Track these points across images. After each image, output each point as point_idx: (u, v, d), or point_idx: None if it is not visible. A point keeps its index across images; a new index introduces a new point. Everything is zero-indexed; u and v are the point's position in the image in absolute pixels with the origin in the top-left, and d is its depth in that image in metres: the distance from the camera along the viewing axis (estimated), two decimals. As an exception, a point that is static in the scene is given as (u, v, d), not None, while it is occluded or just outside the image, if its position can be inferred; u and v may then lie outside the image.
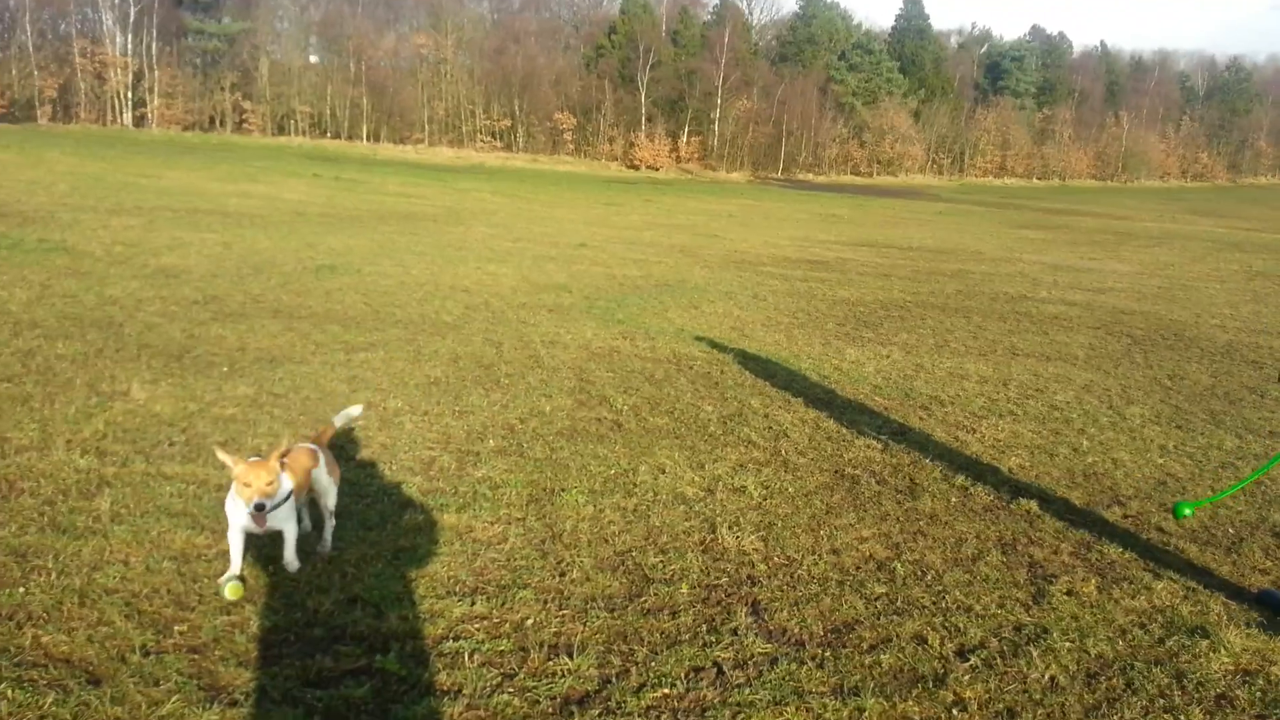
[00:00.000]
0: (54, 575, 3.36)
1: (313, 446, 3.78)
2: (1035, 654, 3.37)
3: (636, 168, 71.64)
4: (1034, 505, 5.02)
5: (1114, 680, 3.24)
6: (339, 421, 4.27)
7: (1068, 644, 3.47)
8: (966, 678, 3.18)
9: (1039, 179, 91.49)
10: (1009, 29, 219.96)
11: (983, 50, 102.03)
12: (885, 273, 16.05)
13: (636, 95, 74.16)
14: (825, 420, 6.48)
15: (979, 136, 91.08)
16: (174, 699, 2.69)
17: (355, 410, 4.36)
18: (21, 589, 3.24)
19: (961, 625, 3.58)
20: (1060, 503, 5.08)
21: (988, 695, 3.09)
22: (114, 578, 3.39)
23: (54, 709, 2.61)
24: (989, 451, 6.01)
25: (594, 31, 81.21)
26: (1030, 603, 3.79)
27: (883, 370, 8.27)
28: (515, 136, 73.70)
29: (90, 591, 3.27)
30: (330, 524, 3.80)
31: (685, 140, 76.22)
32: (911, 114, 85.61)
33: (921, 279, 15.51)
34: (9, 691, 2.66)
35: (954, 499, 5.07)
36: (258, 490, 3.26)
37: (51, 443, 4.72)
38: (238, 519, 3.32)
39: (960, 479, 5.39)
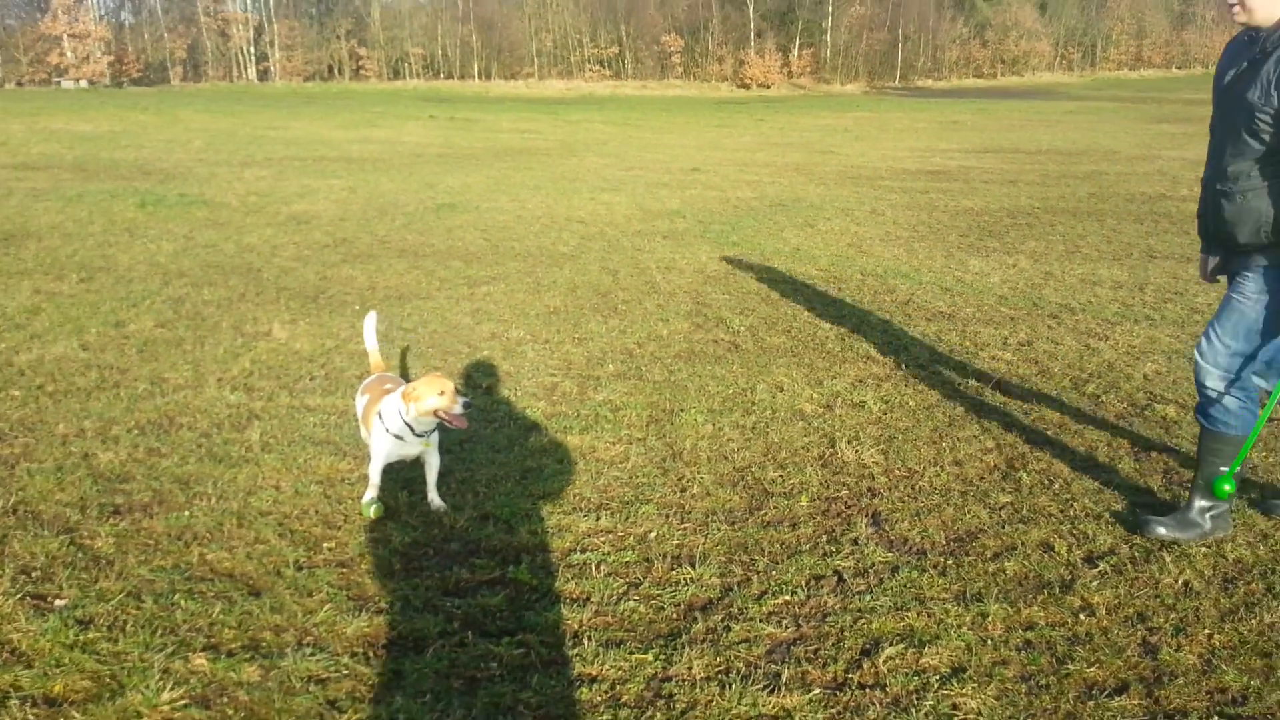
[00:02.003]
0: (214, 500, 3.64)
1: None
2: (1168, 559, 3.29)
3: (747, 86, 70.10)
4: (1170, 411, 4.84)
5: (1253, 584, 3.14)
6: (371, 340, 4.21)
7: (1203, 549, 3.37)
8: (1095, 583, 3.14)
9: (1179, 68, 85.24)
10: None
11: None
12: (1011, 179, 15.40)
13: (744, 10, 72.23)
14: (948, 333, 6.34)
15: (1111, 26, 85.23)
16: (326, 608, 2.91)
17: (372, 318, 4.27)
18: (186, 512, 3.53)
19: (1090, 533, 3.51)
20: (1199, 407, 4.87)
21: (1117, 600, 3.04)
22: (267, 501, 3.65)
23: (221, 616, 2.85)
24: (1123, 358, 5.79)
25: (698, -53, 79.12)
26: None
27: (1009, 280, 8.01)
28: (623, 63, 73.03)
29: (247, 514, 3.54)
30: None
31: (796, 54, 74.02)
32: (1037, 7, 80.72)
33: (1051, 183, 14.83)
34: (182, 601, 2.93)
35: (1084, 407, 4.92)
36: (453, 392, 3.37)
37: (204, 381, 5.06)
38: (381, 447, 3.50)
39: (1091, 387, 5.22)
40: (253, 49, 67.22)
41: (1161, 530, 3.44)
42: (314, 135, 23.60)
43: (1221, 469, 3.43)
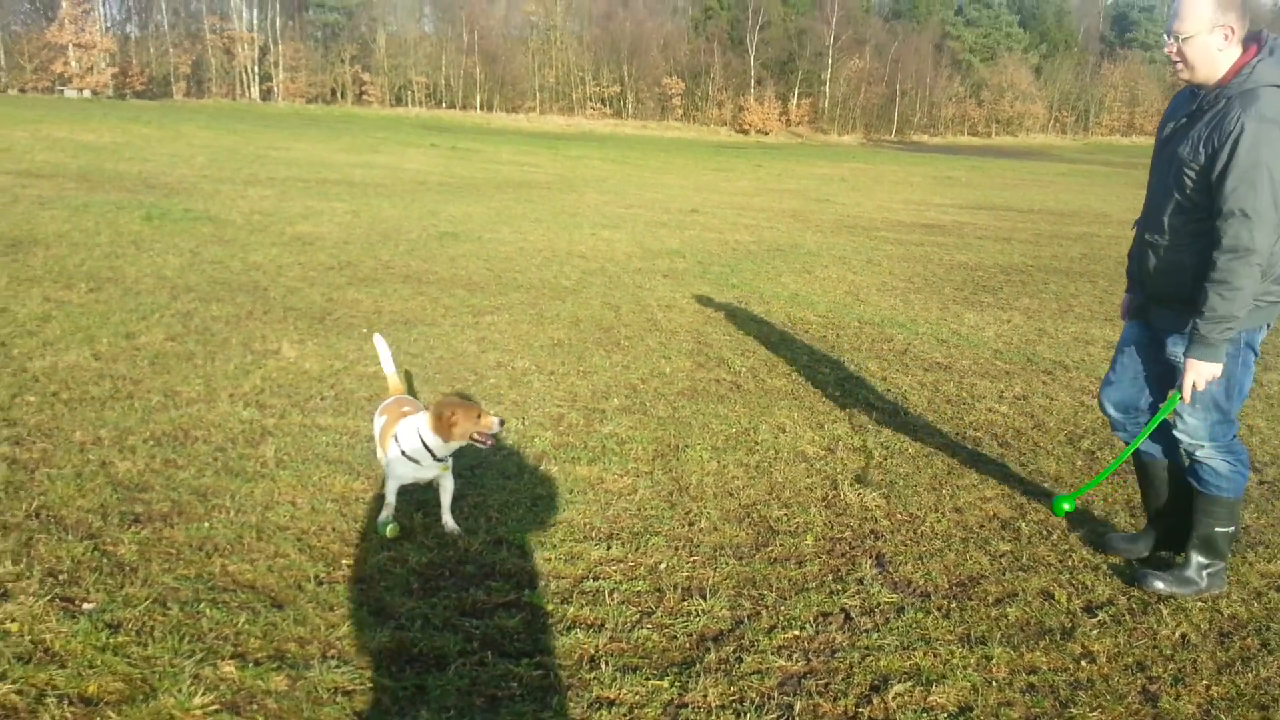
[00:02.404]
0: (232, 513, 3.70)
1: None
2: (1165, 613, 3.39)
3: (745, 132, 70.95)
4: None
5: (1249, 640, 3.24)
6: (388, 364, 4.31)
7: (1199, 604, 3.47)
8: (1095, 632, 3.23)
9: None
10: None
11: (1109, 1, 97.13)
12: (1005, 236, 15.66)
13: (745, 58, 73.34)
14: (945, 384, 6.47)
15: (1105, 93, 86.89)
16: (348, 623, 2.97)
17: (381, 341, 4.39)
18: (206, 524, 3.59)
19: (1089, 583, 3.61)
20: (1191, 467, 5.00)
21: (1116, 649, 3.13)
22: (284, 516, 3.71)
23: (246, 626, 2.91)
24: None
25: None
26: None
27: (1003, 335, 8.16)
28: (624, 103, 73.88)
29: (265, 527, 3.60)
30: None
31: (795, 103, 75.09)
32: (1032, 70, 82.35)
33: (1043, 243, 15.09)
34: (208, 610, 2.98)
35: (1079, 462, 5.04)
36: (485, 413, 3.50)
37: (216, 396, 5.12)
38: (398, 470, 3.57)
39: (1086, 443, 5.35)
40: (257, 68, 67.84)
41: (1159, 585, 3.54)
42: (316, 157, 23.75)
43: (1217, 529, 3.55)
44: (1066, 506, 3.63)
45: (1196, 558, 3.58)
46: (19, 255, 8.55)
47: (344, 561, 3.38)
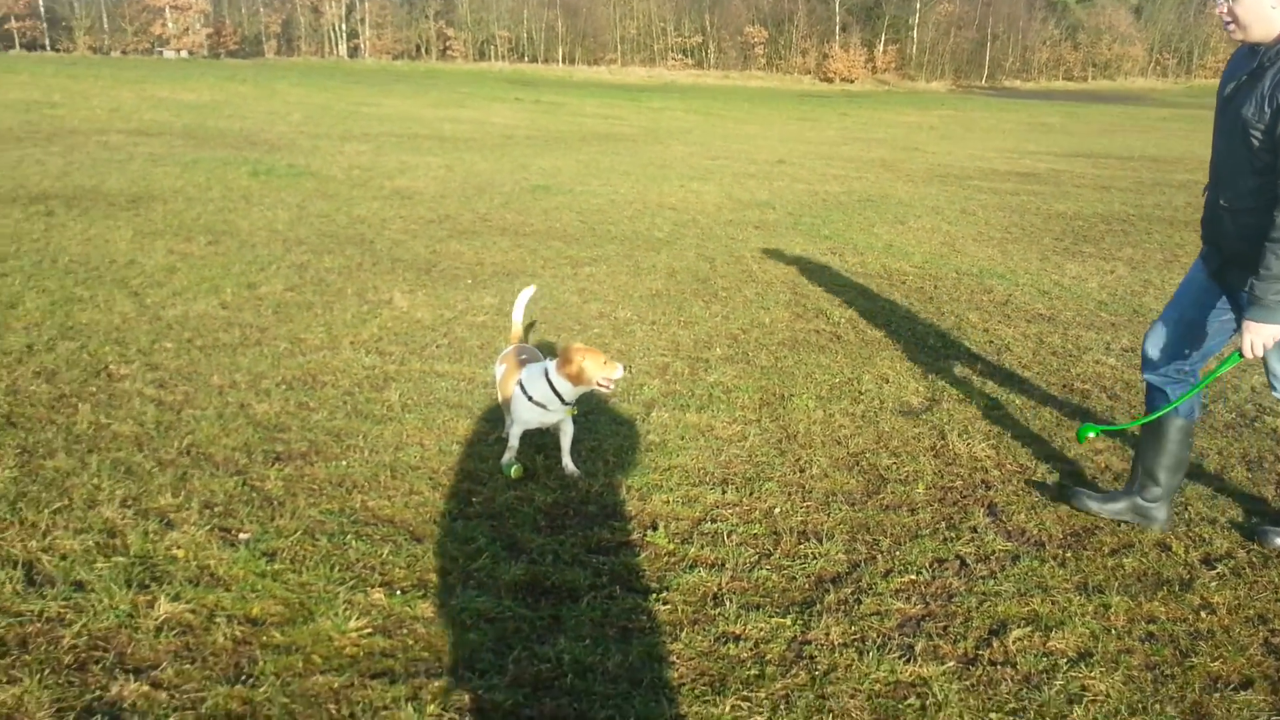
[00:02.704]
0: (366, 453, 3.91)
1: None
2: (1287, 565, 3.36)
3: (830, 80, 69.47)
4: (1281, 424, 4.86)
5: (1374, 594, 3.20)
6: (520, 313, 4.42)
7: (1322, 558, 3.43)
8: (1214, 584, 3.23)
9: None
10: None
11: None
12: (1104, 185, 15.18)
13: (830, 4, 71.62)
14: (1049, 335, 6.38)
15: (1210, 33, 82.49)
16: (484, 555, 3.14)
17: (528, 292, 4.51)
18: (344, 462, 3.80)
19: (1206, 535, 3.59)
20: (1312, 422, 4.88)
21: (1237, 601, 3.13)
22: (415, 456, 3.90)
23: (390, 558, 3.10)
24: (1230, 370, 5.78)
25: (788, -62, 78.53)
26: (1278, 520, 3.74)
27: (1107, 286, 7.98)
28: (706, 53, 72.95)
29: (398, 466, 3.79)
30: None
31: (881, 49, 73.13)
32: (1132, 10, 78.59)
33: (1145, 190, 14.59)
34: (353, 542, 3.18)
35: (1192, 416, 4.95)
36: (609, 359, 3.64)
37: (339, 343, 5.35)
38: (524, 414, 3.72)
39: (1198, 396, 5.24)
40: (344, 26, 68.87)
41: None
42: (406, 113, 24.12)
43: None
44: (1091, 434, 3.67)
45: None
46: (140, 210, 8.95)
47: (474, 499, 3.55)
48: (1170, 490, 3.65)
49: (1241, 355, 3.27)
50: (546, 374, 3.65)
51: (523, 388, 3.72)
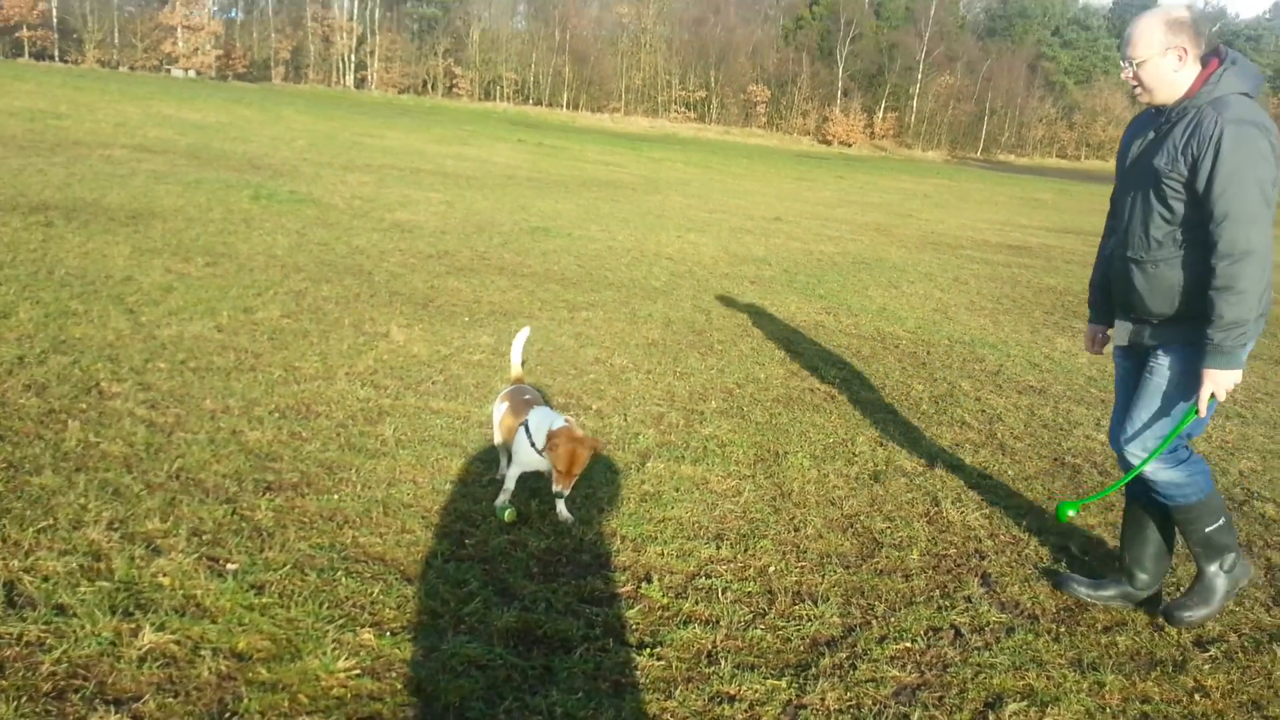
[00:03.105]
0: (359, 487, 3.86)
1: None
2: (1279, 651, 3.35)
3: (829, 142, 70.46)
4: (1269, 509, 4.87)
5: (1367, 688, 3.18)
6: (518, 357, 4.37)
7: (1314, 648, 3.42)
8: (1207, 667, 3.21)
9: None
10: (1246, 7, 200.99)
11: (1214, 29, 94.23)
12: (1093, 262, 15.33)
13: (834, 68, 72.85)
14: (1040, 408, 6.41)
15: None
16: (476, 599, 3.09)
17: (524, 334, 4.44)
18: (335, 495, 3.75)
19: (1199, 618, 3.58)
20: (1302, 510, 4.89)
21: (1230, 685, 3.11)
22: (407, 493, 3.86)
23: (381, 597, 3.05)
24: (1216, 453, 5.81)
25: (795, 3, 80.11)
26: (1270, 603, 3.74)
27: (1096, 362, 8.03)
28: (709, 108, 73.98)
29: (390, 503, 3.75)
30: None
31: (881, 116, 74.29)
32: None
33: (1137, 271, 14.75)
34: (343, 579, 3.13)
35: (1183, 497, 4.96)
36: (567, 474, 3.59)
37: (334, 374, 5.32)
38: (522, 457, 3.69)
39: (1189, 477, 5.25)
40: (353, 57, 69.68)
41: (1189, 615, 3.47)
42: (409, 146, 24.26)
43: (1207, 530, 3.47)
44: (1070, 513, 3.64)
45: (1207, 567, 3.51)
46: (140, 226, 8.93)
47: (467, 541, 3.51)
48: (1158, 576, 3.65)
49: (1198, 411, 3.26)
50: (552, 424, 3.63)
51: (528, 431, 3.69)
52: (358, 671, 2.65)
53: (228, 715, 2.42)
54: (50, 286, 6.42)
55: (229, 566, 3.12)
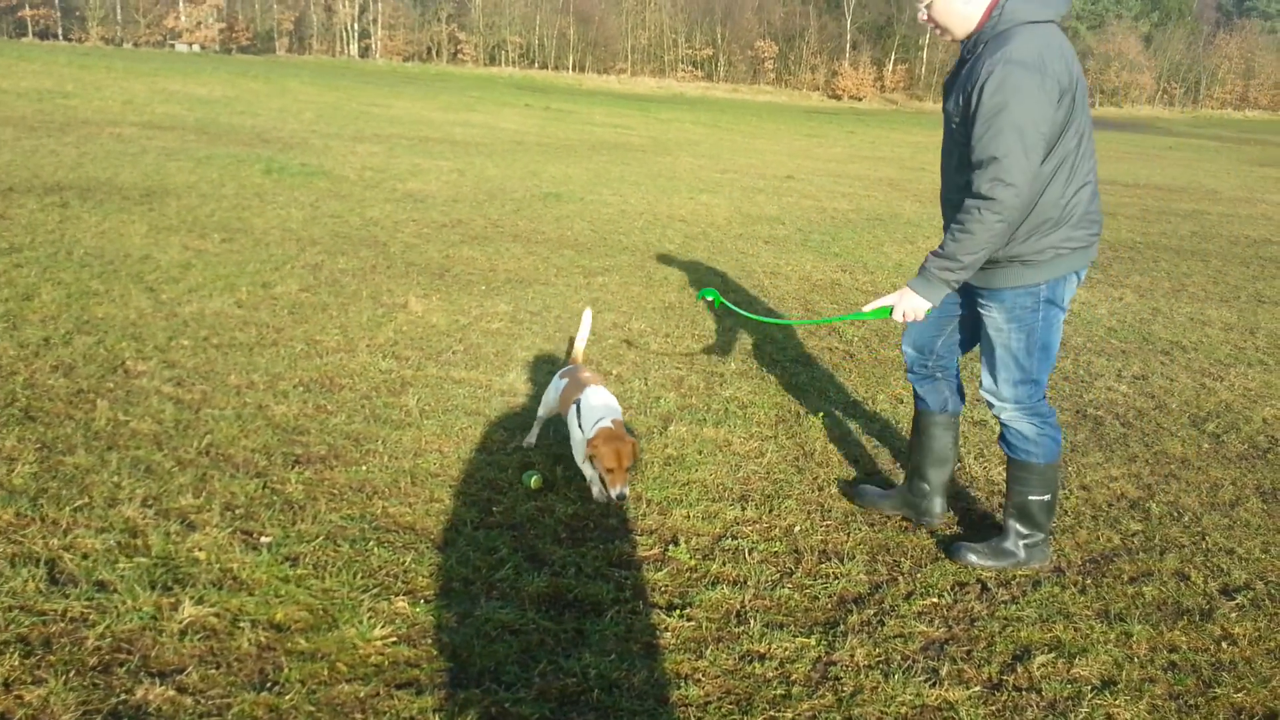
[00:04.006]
0: (386, 458, 3.90)
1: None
2: (1307, 599, 3.36)
3: (838, 97, 69.66)
4: (1295, 457, 4.86)
5: (1395, 631, 3.19)
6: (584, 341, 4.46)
7: (1342, 593, 3.43)
8: (1234, 615, 3.23)
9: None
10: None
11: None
12: (1110, 211, 15.19)
13: (841, 21, 71.85)
14: (1060, 360, 6.39)
15: (1218, 64, 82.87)
16: (507, 566, 3.14)
17: (588, 315, 4.54)
18: (363, 467, 3.80)
19: (1224, 566, 3.59)
20: (1327, 456, 4.88)
21: (1258, 633, 3.12)
22: (434, 463, 3.90)
23: (414, 565, 3.10)
24: (1239, 400, 5.79)
25: (801, -47, 78.90)
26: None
27: (1116, 313, 7.99)
28: (716, 65, 73.18)
29: (418, 473, 3.79)
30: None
31: (891, 68, 73.31)
32: (1142, 39, 78.93)
33: (1151, 219, 14.62)
34: (375, 549, 3.18)
35: (1205, 445, 4.96)
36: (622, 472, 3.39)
37: (355, 346, 5.35)
38: (574, 437, 3.70)
39: (1211, 426, 5.25)
40: (356, 26, 69.24)
41: (973, 558, 3.45)
42: (416, 115, 24.15)
43: (1031, 498, 3.44)
44: (709, 298, 3.90)
45: (1014, 526, 3.48)
46: (154, 204, 8.95)
47: (494, 509, 3.55)
48: (940, 485, 3.66)
49: (891, 314, 3.34)
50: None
51: (579, 411, 3.64)
52: (394, 639, 2.70)
53: (269, 685, 2.48)
54: (70, 267, 6.47)
55: (263, 540, 3.17)
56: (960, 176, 3.14)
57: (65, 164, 10.87)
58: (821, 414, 4.94)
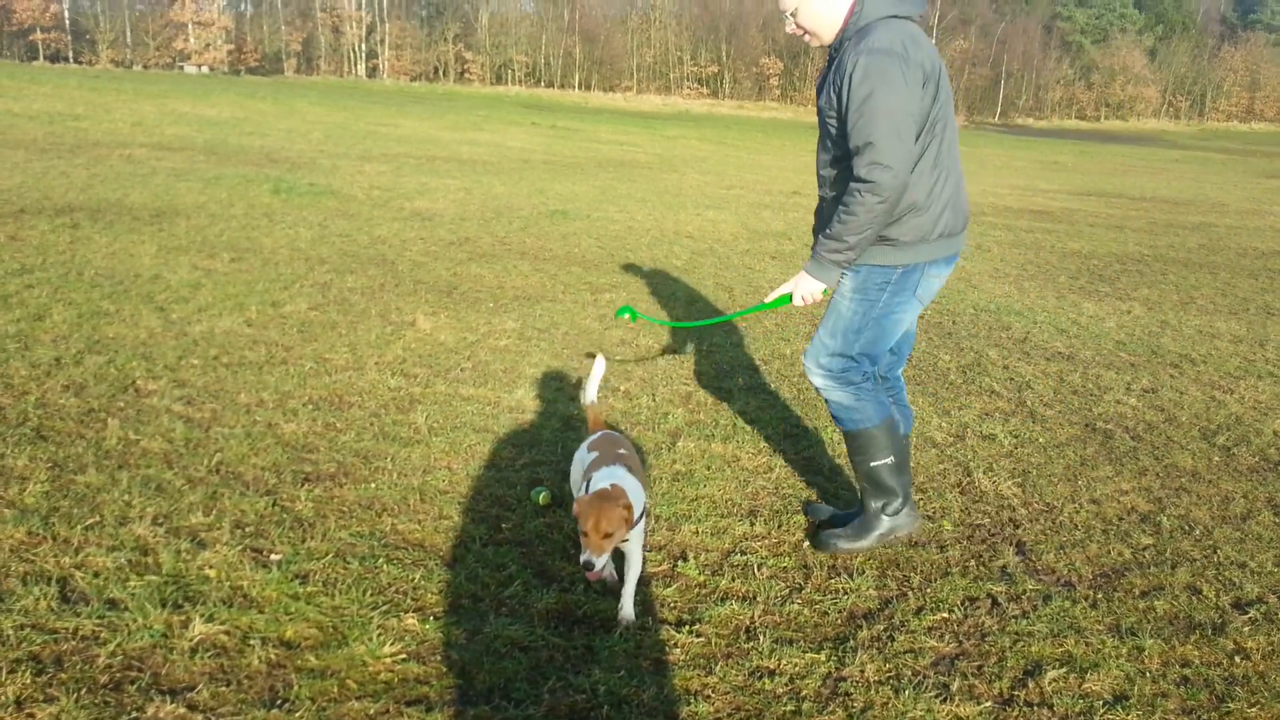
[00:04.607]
0: (395, 475, 3.91)
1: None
2: (1320, 613, 3.34)
3: (843, 113, 69.78)
4: (1307, 469, 4.83)
5: None
6: (595, 389, 3.81)
7: (1355, 607, 3.40)
8: (1247, 629, 3.21)
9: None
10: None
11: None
12: (1117, 224, 15.19)
13: (845, 37, 72.13)
14: (1069, 374, 6.38)
15: (1224, 77, 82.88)
16: (516, 582, 3.14)
17: (600, 364, 3.87)
18: (372, 484, 3.81)
19: (1236, 580, 3.57)
20: (1338, 469, 4.86)
21: (1270, 647, 3.10)
22: (443, 480, 3.91)
23: (422, 583, 3.10)
24: (1250, 413, 5.77)
25: (804, -28, 79.26)
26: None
27: (1125, 326, 7.98)
28: (721, 82, 73.49)
29: (427, 490, 3.80)
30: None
31: (895, 84, 73.56)
32: (1146, 52, 79.01)
33: (1159, 231, 14.60)
34: (384, 566, 3.18)
35: (1215, 458, 4.94)
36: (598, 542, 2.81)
37: (364, 364, 5.37)
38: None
39: (1221, 438, 5.23)
40: (363, 46, 69.83)
41: (842, 544, 3.52)
42: (424, 134, 24.29)
43: (873, 464, 3.51)
44: (626, 315, 3.97)
45: (869, 501, 3.55)
46: (164, 225, 9.02)
47: (503, 525, 3.55)
48: (903, 489, 3.63)
49: (791, 299, 3.45)
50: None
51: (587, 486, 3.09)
52: (403, 656, 2.70)
53: (279, 702, 2.48)
54: (81, 287, 6.51)
55: (273, 557, 3.18)
56: (834, 170, 3.31)
57: (76, 185, 10.96)
58: (828, 428, 4.93)
